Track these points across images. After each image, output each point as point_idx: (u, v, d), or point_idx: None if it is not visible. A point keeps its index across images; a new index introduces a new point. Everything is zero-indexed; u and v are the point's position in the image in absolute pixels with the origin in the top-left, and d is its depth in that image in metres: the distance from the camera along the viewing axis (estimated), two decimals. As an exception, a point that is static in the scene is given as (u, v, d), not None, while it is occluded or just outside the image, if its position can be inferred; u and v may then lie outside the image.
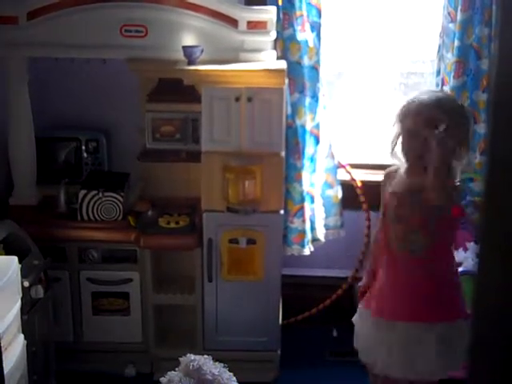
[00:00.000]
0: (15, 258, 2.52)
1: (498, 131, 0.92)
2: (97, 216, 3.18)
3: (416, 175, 2.37)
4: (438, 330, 2.35)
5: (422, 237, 2.37)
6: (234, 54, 3.10)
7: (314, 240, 3.49)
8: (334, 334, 3.54)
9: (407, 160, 2.41)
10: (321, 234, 3.51)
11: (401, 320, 2.39)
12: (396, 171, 2.48)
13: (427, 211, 2.32)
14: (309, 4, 3.25)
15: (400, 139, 2.40)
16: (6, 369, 2.22)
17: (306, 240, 3.43)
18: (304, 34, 3.26)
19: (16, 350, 2.47)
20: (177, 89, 3.15)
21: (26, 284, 2.66)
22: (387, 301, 2.44)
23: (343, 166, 3.57)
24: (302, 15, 3.24)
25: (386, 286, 2.45)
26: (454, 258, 2.51)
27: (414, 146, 2.36)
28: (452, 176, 2.32)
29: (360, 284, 2.67)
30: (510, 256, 0.92)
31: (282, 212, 3.15)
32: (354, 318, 2.59)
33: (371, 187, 3.30)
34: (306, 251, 3.45)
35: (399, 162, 2.45)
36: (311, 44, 3.28)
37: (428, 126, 2.30)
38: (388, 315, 2.42)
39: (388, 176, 2.53)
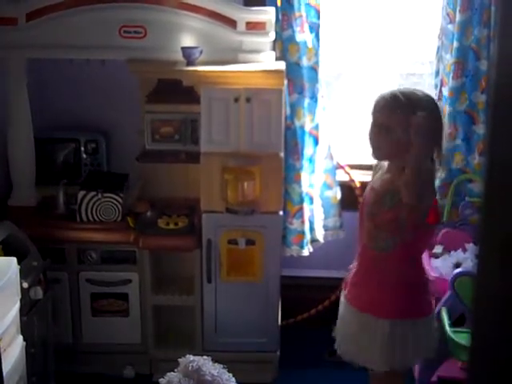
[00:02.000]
0: (14, 259, 2.52)
1: (497, 132, 0.93)
2: (96, 217, 3.18)
3: (393, 172, 2.36)
4: (391, 327, 2.38)
5: (391, 236, 2.36)
6: (232, 55, 3.10)
7: (313, 241, 3.49)
8: (333, 334, 3.53)
9: (375, 157, 2.42)
10: (320, 234, 3.51)
11: (357, 308, 2.45)
12: (380, 165, 2.50)
13: (399, 211, 2.30)
14: (308, 5, 3.26)
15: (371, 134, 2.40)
16: (5, 370, 2.22)
17: (305, 241, 3.43)
18: (303, 35, 3.27)
19: (15, 351, 2.46)
20: (176, 90, 3.15)
21: (25, 285, 2.66)
22: (356, 290, 2.48)
23: (342, 167, 3.57)
24: (300, 16, 3.25)
25: (355, 274, 2.49)
26: (420, 257, 2.48)
27: (383, 143, 2.35)
28: (426, 177, 2.28)
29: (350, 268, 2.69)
30: (510, 257, 0.92)
31: (281, 213, 3.15)
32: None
33: (370, 188, 3.30)
34: (305, 252, 3.45)
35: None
36: (310, 45, 3.28)
37: (401, 123, 2.28)
38: (351, 301, 2.48)
39: (375, 169, 2.54)
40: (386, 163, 2.45)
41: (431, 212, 2.34)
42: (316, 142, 3.40)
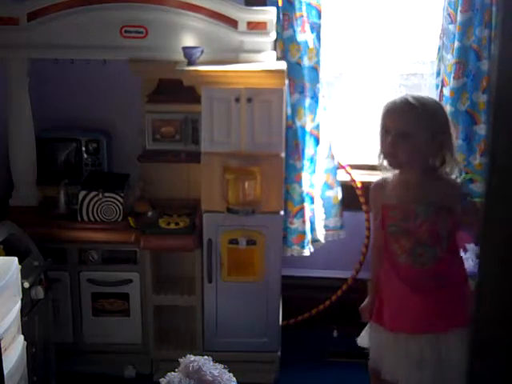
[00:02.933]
0: (15, 259, 2.52)
1: (499, 132, 0.92)
2: (97, 217, 3.19)
3: (417, 182, 2.34)
4: (454, 336, 2.31)
5: (432, 249, 2.33)
6: (233, 55, 3.10)
7: (314, 241, 3.49)
8: (334, 334, 3.54)
9: (391, 165, 2.40)
10: (321, 234, 3.51)
11: (415, 332, 2.35)
12: (385, 180, 2.45)
13: (437, 222, 2.28)
14: (309, 5, 3.26)
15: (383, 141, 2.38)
16: (6, 370, 2.22)
17: (305, 241, 3.43)
18: (304, 35, 3.26)
19: (16, 351, 2.46)
20: (177, 89, 3.15)
21: (26, 285, 2.66)
22: (398, 314, 2.39)
23: (343, 167, 3.57)
24: (301, 16, 3.25)
25: (394, 299, 2.40)
26: (463, 265, 2.46)
27: (401, 151, 2.33)
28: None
29: (365, 303, 2.58)
30: (510, 257, 0.92)
31: (281, 213, 3.15)
32: (362, 336, 2.57)
33: (371, 188, 3.30)
34: (306, 252, 3.45)
35: (385, 169, 2.44)
36: (311, 45, 3.28)
37: (419, 126, 2.29)
38: (409, 328, 2.37)
39: (378, 187, 2.48)
40: (390, 177, 2.42)
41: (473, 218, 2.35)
42: (317, 141, 3.40)
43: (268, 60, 3.13)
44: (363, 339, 2.58)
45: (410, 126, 2.31)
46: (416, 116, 2.31)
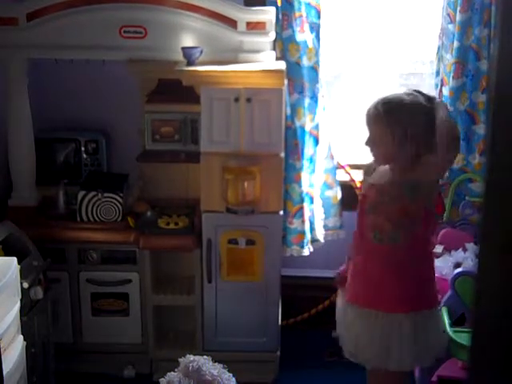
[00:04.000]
0: (14, 259, 2.52)
1: (498, 132, 0.93)
2: (96, 217, 3.19)
3: (395, 170, 2.41)
4: (412, 320, 2.37)
5: (397, 230, 2.37)
6: (233, 55, 3.10)
7: (314, 241, 3.49)
8: (334, 334, 3.52)
9: (377, 164, 2.49)
10: (320, 234, 3.51)
11: (374, 309, 2.41)
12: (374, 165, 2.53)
13: (406, 203, 2.33)
14: (308, 5, 3.26)
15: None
16: (6, 370, 2.22)
17: (305, 241, 3.43)
18: (303, 35, 3.27)
19: (15, 350, 2.46)
20: (176, 90, 3.15)
21: (26, 285, 2.66)
22: (361, 288, 2.46)
23: (342, 167, 3.57)
24: (301, 16, 3.25)
25: (360, 273, 2.47)
26: (428, 249, 2.51)
27: (376, 153, 2.44)
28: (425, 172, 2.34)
29: (339, 270, 2.66)
30: (510, 256, 0.92)
31: (281, 213, 3.15)
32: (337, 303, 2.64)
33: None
34: (306, 252, 3.45)
35: None
36: (310, 45, 3.28)
37: (383, 135, 2.36)
38: (363, 303, 2.44)
39: (367, 169, 2.57)
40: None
41: (438, 202, 2.40)
42: (316, 141, 3.40)
43: (267, 60, 3.13)
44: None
45: (375, 133, 2.39)
46: (379, 122, 2.36)
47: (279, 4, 3.23)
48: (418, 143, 2.34)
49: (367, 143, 2.43)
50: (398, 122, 2.34)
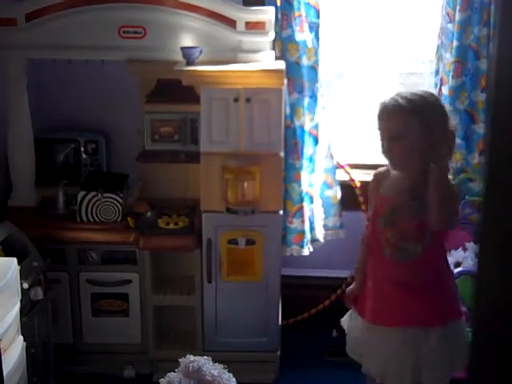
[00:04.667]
0: (14, 260, 2.52)
1: (497, 131, 0.92)
2: (96, 217, 3.18)
3: (413, 178, 2.32)
4: (434, 334, 2.32)
5: (416, 244, 2.32)
6: (232, 55, 3.10)
7: (314, 240, 3.49)
8: (334, 334, 3.53)
9: (394, 168, 2.37)
10: (320, 234, 3.51)
11: (395, 325, 2.35)
12: (388, 171, 2.42)
13: (424, 218, 2.26)
14: (307, 4, 3.25)
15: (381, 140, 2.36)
16: (6, 370, 2.22)
17: (305, 240, 3.43)
18: (303, 35, 3.26)
19: (15, 351, 2.46)
20: (175, 90, 3.15)
21: (26, 286, 2.66)
22: (385, 307, 2.39)
23: (342, 167, 3.57)
24: (300, 15, 3.25)
25: (382, 292, 2.40)
26: (446, 260, 2.47)
27: (395, 150, 2.31)
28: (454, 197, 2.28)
29: (350, 288, 2.60)
30: (510, 256, 0.92)
31: (281, 212, 3.15)
32: (344, 320, 2.58)
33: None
34: (306, 252, 3.45)
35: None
36: (310, 44, 3.28)
37: (410, 127, 2.26)
38: (388, 323, 2.37)
39: (378, 177, 2.46)
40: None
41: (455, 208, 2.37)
42: (316, 141, 3.40)
43: (267, 60, 3.13)
44: (345, 322, 2.59)
45: (401, 129, 2.28)
46: (406, 116, 2.26)
47: (278, 4, 3.23)
48: (445, 140, 2.26)
49: (389, 140, 2.30)
50: (430, 114, 2.26)
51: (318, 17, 3.28)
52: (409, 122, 2.26)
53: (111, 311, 3.24)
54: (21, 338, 2.55)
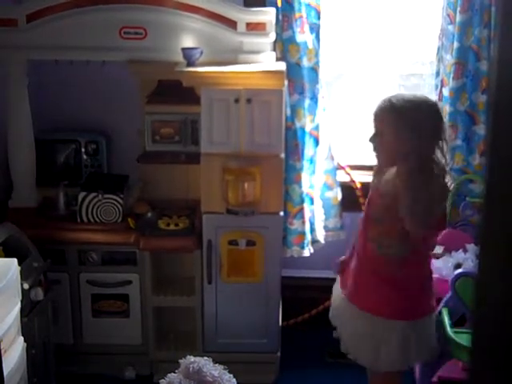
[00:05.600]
0: (15, 261, 2.52)
1: (498, 132, 0.92)
2: (96, 218, 3.18)
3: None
4: (401, 328, 2.38)
5: (399, 244, 2.35)
6: (233, 56, 3.10)
7: (314, 242, 3.49)
8: (334, 335, 3.53)
9: (380, 164, 2.43)
10: (320, 235, 3.51)
11: (366, 311, 2.43)
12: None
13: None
14: (308, 6, 3.26)
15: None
16: (6, 371, 2.22)
17: (305, 241, 3.43)
18: (303, 36, 3.27)
19: (16, 352, 2.46)
20: (176, 91, 3.15)
21: (26, 286, 2.66)
22: (362, 292, 2.46)
23: (343, 168, 3.57)
24: (301, 17, 3.25)
25: (362, 277, 2.47)
26: (429, 262, 2.52)
27: (379, 149, 2.40)
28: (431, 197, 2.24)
29: (342, 258, 2.67)
30: (510, 258, 0.92)
31: (281, 213, 3.15)
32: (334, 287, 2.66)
33: (371, 189, 3.30)
34: (306, 253, 3.45)
35: None
36: (310, 45, 3.28)
37: (387, 125, 2.32)
38: (361, 307, 2.45)
39: (378, 171, 2.48)
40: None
41: (442, 221, 2.42)
42: (316, 142, 3.40)
43: (267, 61, 3.13)
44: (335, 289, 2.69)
45: (378, 126, 2.37)
46: (383, 115, 2.34)
47: (279, 5, 3.23)
48: (425, 150, 2.29)
49: (372, 139, 2.39)
50: (409, 120, 2.29)
51: (319, 18, 3.28)
52: (384, 121, 2.34)
53: (111, 312, 3.24)
54: (21, 338, 2.55)
